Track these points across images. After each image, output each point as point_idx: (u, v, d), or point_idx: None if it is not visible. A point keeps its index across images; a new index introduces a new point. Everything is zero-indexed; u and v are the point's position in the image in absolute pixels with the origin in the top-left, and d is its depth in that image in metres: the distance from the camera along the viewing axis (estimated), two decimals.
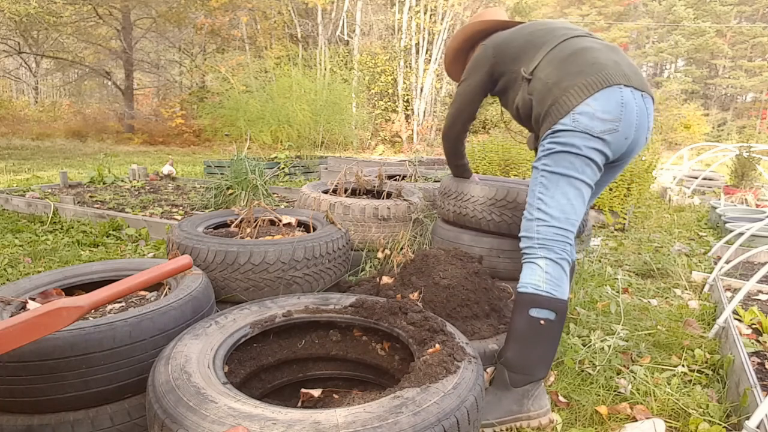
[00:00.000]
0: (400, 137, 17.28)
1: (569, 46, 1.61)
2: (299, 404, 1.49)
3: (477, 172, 4.13)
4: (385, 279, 1.89)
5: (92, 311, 1.46)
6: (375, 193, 3.27)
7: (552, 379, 1.80)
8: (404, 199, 2.86)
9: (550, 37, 1.67)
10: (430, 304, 1.70)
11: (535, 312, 1.50)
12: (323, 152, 10.49)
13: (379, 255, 2.46)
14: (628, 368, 1.89)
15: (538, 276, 1.52)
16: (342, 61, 15.70)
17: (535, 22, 1.81)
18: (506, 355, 1.53)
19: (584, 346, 1.94)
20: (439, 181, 3.73)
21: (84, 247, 3.46)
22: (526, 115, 1.73)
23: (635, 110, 1.53)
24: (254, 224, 2.30)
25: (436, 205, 2.66)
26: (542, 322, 1.50)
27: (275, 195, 4.85)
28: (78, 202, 4.32)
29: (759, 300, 2.62)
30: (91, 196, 4.82)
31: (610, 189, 4.64)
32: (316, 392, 1.50)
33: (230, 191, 4.11)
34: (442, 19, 17.89)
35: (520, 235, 1.63)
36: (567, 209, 1.54)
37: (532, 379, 1.52)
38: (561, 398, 1.69)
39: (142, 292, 1.74)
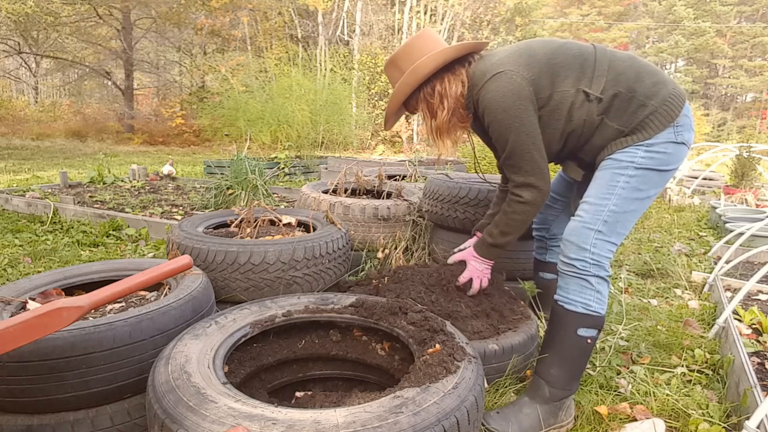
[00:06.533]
0: (400, 137, 17.29)
1: (617, 55, 1.51)
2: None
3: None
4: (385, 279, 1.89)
5: (92, 311, 1.46)
6: (375, 193, 3.27)
7: None
8: (404, 199, 2.86)
9: (572, 49, 1.52)
10: (430, 304, 1.70)
11: (582, 331, 1.49)
12: (323, 152, 10.49)
13: (379, 255, 2.46)
14: (628, 368, 1.89)
15: (589, 295, 1.48)
16: (342, 61, 15.71)
17: (512, 45, 1.60)
18: (550, 372, 1.51)
19: None
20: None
21: (84, 247, 3.46)
22: (583, 140, 1.56)
23: None
24: (254, 224, 2.30)
25: (426, 210, 2.66)
26: (589, 341, 1.49)
27: (275, 195, 4.85)
28: (78, 202, 4.32)
29: (759, 300, 2.62)
30: (91, 196, 4.82)
31: None
32: (300, 394, 1.51)
33: (230, 191, 4.11)
34: (443, 19, 17.90)
35: (566, 238, 1.51)
36: (629, 227, 1.52)
37: (571, 393, 1.54)
38: None
39: (142, 292, 1.74)
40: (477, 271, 1.75)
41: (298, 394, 1.52)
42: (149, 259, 2.02)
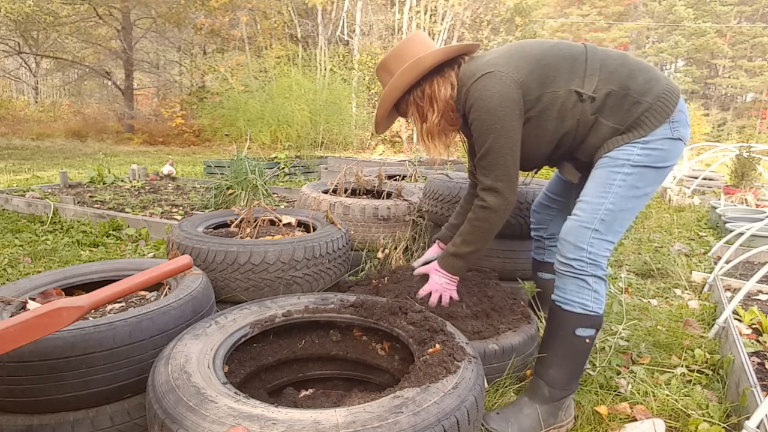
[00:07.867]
0: (400, 137, 17.27)
1: (609, 54, 1.51)
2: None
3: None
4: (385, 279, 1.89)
5: (92, 311, 1.46)
6: (375, 193, 3.27)
7: None
8: (404, 199, 2.86)
9: (562, 49, 1.52)
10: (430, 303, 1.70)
11: (580, 331, 1.48)
12: (323, 152, 10.49)
13: (379, 255, 2.46)
14: (628, 368, 1.89)
15: (587, 295, 1.48)
16: (342, 61, 15.69)
17: (503, 46, 1.62)
18: (549, 373, 1.51)
19: None
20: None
21: (84, 247, 3.46)
22: (578, 140, 1.54)
23: None
24: (254, 224, 2.30)
25: (426, 210, 2.65)
26: (587, 340, 1.49)
27: (275, 195, 4.85)
28: (78, 202, 4.32)
29: (759, 300, 2.62)
30: (91, 196, 4.82)
31: None
32: (301, 394, 1.51)
33: (230, 191, 4.11)
34: (443, 19, 17.90)
35: (563, 237, 1.51)
36: (627, 225, 1.51)
37: (570, 393, 1.54)
38: None
39: (142, 292, 1.74)
40: (437, 286, 1.69)
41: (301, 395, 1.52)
42: (149, 259, 2.02)
